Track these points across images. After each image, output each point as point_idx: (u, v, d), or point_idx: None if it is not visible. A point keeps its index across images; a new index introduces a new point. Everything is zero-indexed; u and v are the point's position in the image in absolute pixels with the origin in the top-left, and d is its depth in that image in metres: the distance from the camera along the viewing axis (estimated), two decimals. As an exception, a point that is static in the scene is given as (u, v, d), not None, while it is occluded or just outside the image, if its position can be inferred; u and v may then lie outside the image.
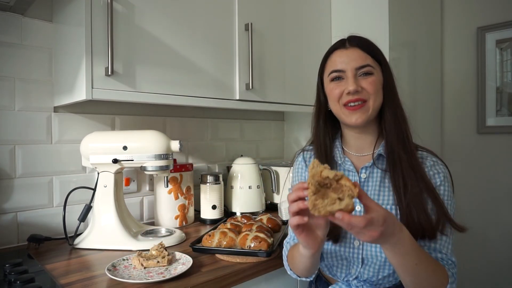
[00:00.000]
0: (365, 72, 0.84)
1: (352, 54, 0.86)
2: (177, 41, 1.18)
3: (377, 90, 0.85)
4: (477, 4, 1.85)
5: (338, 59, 0.87)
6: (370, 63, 0.85)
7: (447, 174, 0.86)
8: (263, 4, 1.44)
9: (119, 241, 1.11)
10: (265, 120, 1.95)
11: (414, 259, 0.69)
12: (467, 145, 1.90)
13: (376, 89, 0.85)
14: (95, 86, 1.00)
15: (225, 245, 1.04)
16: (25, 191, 1.19)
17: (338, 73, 0.86)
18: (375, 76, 0.85)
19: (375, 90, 0.84)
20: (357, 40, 0.88)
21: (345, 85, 0.85)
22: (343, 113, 0.86)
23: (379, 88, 0.86)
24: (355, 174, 0.89)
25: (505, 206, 1.78)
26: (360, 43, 0.87)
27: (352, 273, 0.86)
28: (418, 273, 0.71)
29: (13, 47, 1.16)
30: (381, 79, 0.87)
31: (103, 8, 1.01)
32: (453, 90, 1.95)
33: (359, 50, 0.86)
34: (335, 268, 0.89)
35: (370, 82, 0.84)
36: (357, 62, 0.85)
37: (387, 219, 0.63)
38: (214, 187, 1.44)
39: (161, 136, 1.13)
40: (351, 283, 0.87)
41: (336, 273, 0.89)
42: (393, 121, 0.86)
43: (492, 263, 1.82)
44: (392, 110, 0.87)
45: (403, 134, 0.86)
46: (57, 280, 0.87)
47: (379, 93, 0.86)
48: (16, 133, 1.17)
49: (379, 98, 0.86)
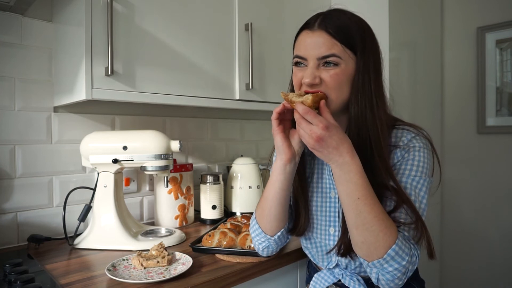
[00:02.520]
0: (328, 62, 0.75)
1: (317, 40, 0.75)
2: (177, 41, 1.18)
3: (339, 84, 0.75)
4: (477, 4, 1.85)
5: (302, 43, 0.78)
6: (337, 52, 0.74)
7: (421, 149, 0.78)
8: (263, 4, 1.44)
9: (119, 241, 1.11)
10: (265, 120, 1.95)
11: (358, 193, 0.69)
12: (467, 145, 1.90)
13: (338, 83, 0.75)
14: (95, 86, 1.00)
15: (225, 245, 1.04)
16: (25, 191, 1.19)
17: (300, 59, 0.79)
18: (341, 67, 0.75)
19: (335, 85, 0.75)
20: (327, 21, 0.76)
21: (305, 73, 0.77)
22: None
23: (343, 81, 0.75)
24: (323, 163, 0.88)
25: (505, 206, 1.78)
26: (330, 26, 0.75)
27: (333, 261, 0.87)
28: (360, 211, 0.69)
29: (13, 47, 1.16)
30: (350, 71, 0.76)
31: (103, 8, 1.01)
32: (453, 90, 1.95)
33: (326, 35, 0.75)
34: (317, 256, 0.91)
35: (331, 75, 0.74)
36: (320, 50, 0.75)
37: (330, 127, 0.68)
38: (214, 187, 1.44)
39: (161, 136, 1.13)
40: (333, 271, 0.88)
41: (319, 261, 0.91)
42: (355, 123, 0.77)
43: (492, 263, 1.82)
44: (358, 109, 0.76)
45: (366, 139, 0.76)
46: (57, 280, 0.87)
47: (342, 87, 0.76)
48: (16, 133, 1.17)
49: (343, 92, 0.76)
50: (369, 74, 0.77)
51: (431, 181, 0.80)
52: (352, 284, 0.84)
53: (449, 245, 1.98)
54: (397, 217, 0.74)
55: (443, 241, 2.00)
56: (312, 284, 0.91)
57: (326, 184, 0.88)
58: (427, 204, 0.78)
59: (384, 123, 0.78)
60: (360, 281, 0.83)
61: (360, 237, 0.71)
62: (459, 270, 1.94)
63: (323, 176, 0.89)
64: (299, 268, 1.13)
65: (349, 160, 0.70)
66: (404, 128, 0.82)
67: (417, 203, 0.76)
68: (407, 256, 0.70)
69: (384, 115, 0.79)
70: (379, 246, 0.69)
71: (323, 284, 0.88)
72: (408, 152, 0.79)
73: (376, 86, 0.78)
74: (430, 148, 0.81)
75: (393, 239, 0.69)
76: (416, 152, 0.79)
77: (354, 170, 0.70)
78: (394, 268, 0.69)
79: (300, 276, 1.14)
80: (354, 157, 0.70)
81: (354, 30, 0.76)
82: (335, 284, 0.88)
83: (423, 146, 0.79)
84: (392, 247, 0.68)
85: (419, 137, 0.80)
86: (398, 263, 0.69)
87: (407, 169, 0.78)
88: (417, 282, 0.90)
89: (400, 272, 0.70)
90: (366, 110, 0.76)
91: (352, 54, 0.76)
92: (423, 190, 0.77)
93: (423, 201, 0.77)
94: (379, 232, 0.69)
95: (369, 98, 0.77)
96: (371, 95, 0.77)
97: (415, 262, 0.72)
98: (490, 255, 1.83)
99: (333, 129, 0.68)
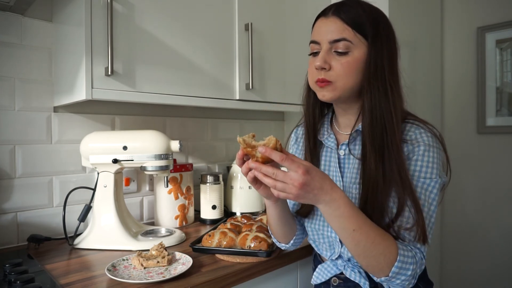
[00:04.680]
0: (340, 47, 0.75)
1: (330, 25, 0.77)
2: (177, 41, 1.18)
3: (349, 71, 0.76)
4: (477, 4, 1.85)
5: (317, 29, 0.81)
6: (348, 36, 0.75)
7: (431, 146, 0.76)
8: (263, 4, 1.44)
9: (119, 241, 1.11)
10: (265, 120, 1.95)
11: (352, 225, 0.69)
12: (467, 145, 1.90)
13: (348, 70, 0.76)
14: (95, 86, 1.00)
15: (225, 245, 1.04)
16: (25, 191, 1.19)
17: (315, 45, 0.80)
18: (353, 55, 0.75)
19: (345, 72, 0.76)
20: (341, 9, 0.77)
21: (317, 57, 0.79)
22: (315, 88, 0.82)
23: (353, 68, 0.76)
24: (335, 151, 0.88)
25: (505, 206, 1.78)
26: (343, 13, 0.76)
27: (336, 252, 0.87)
28: (358, 241, 0.70)
29: (13, 47, 1.16)
30: (362, 57, 0.76)
31: (103, 8, 1.01)
32: (453, 90, 1.95)
33: (339, 20, 0.76)
34: (321, 247, 0.91)
35: (342, 63, 0.76)
36: (332, 34, 0.76)
37: (309, 169, 0.66)
38: (214, 187, 1.44)
39: (161, 136, 1.13)
40: (336, 262, 0.88)
41: (323, 251, 0.91)
42: (369, 110, 0.76)
43: (492, 263, 1.82)
44: (371, 95, 0.76)
45: (381, 127, 0.75)
46: (57, 280, 0.87)
47: (352, 74, 0.76)
48: (16, 133, 1.17)
49: (352, 79, 0.76)
50: (382, 60, 0.76)
51: (443, 181, 0.78)
52: (353, 276, 0.84)
53: (449, 244, 1.98)
54: (400, 225, 0.74)
55: (443, 241, 2.00)
56: (315, 275, 0.91)
57: (333, 173, 0.88)
58: (437, 206, 0.77)
59: (399, 111, 0.76)
60: (362, 273, 0.83)
61: (363, 262, 0.73)
62: (459, 270, 1.94)
63: (330, 169, 0.89)
64: (299, 268, 1.13)
65: (336, 196, 0.69)
66: (414, 123, 0.80)
67: (426, 207, 0.75)
68: (412, 264, 0.72)
69: (399, 103, 0.77)
70: (382, 267, 0.71)
71: (325, 275, 0.89)
72: (414, 149, 0.77)
73: (391, 73, 0.77)
74: (440, 146, 0.79)
75: (394, 256, 0.70)
76: (425, 151, 0.76)
77: (343, 204, 0.69)
78: (402, 280, 0.72)
79: (300, 276, 1.14)
80: (338, 190, 0.70)
81: (365, 16, 0.77)
82: (337, 277, 0.88)
83: (432, 144, 0.77)
84: (395, 264, 0.70)
85: (429, 134, 0.77)
86: (404, 274, 0.71)
87: (417, 170, 0.76)
88: (424, 283, 0.88)
89: (408, 280, 0.73)
90: (379, 96, 0.75)
91: (364, 39, 0.76)
92: (434, 192, 0.76)
93: (433, 203, 0.76)
94: (380, 255, 0.70)
95: (383, 84, 0.75)
96: (385, 81, 0.76)
97: (421, 263, 0.74)
98: (490, 254, 1.83)
99: (312, 170, 0.67)
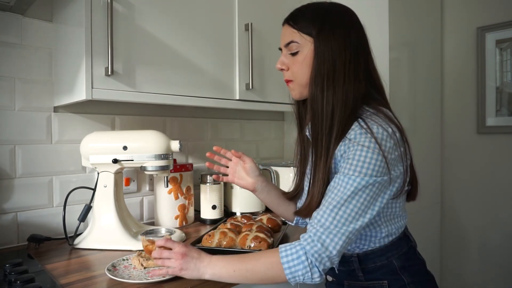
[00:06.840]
0: (291, 49, 0.82)
1: (284, 32, 0.85)
2: (177, 41, 1.18)
3: (300, 68, 0.81)
4: (477, 4, 1.85)
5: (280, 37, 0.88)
6: (296, 39, 0.80)
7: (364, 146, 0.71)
8: (263, 4, 1.44)
9: (119, 241, 1.11)
10: (265, 120, 1.95)
11: (230, 269, 0.79)
12: (467, 145, 1.90)
13: (300, 67, 0.81)
14: (95, 86, 1.00)
15: (225, 245, 1.04)
16: (25, 191, 1.19)
17: (281, 51, 0.87)
18: (302, 54, 0.80)
19: (297, 69, 0.81)
20: (291, 15, 0.85)
21: None
22: None
23: (304, 65, 0.80)
24: None
25: (505, 206, 1.78)
26: (291, 19, 0.83)
27: None
28: (243, 276, 0.79)
29: (13, 47, 1.16)
30: (310, 54, 0.79)
31: (103, 8, 1.01)
32: (453, 90, 1.95)
33: (289, 27, 0.83)
34: None
35: (293, 62, 0.82)
36: (284, 39, 0.83)
37: (184, 245, 0.82)
38: (214, 187, 1.44)
39: (161, 136, 1.13)
40: None
41: None
42: (310, 106, 0.80)
43: (492, 263, 1.82)
44: (310, 91, 0.79)
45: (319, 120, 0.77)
46: (57, 280, 0.87)
47: (304, 70, 0.80)
48: (16, 133, 1.17)
49: (305, 75, 0.80)
50: (324, 55, 0.77)
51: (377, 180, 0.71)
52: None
53: (449, 244, 1.98)
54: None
55: (442, 241, 2.00)
56: None
57: None
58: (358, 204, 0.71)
59: (336, 108, 0.75)
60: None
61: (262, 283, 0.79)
62: (459, 270, 1.94)
63: None
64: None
65: (210, 259, 0.81)
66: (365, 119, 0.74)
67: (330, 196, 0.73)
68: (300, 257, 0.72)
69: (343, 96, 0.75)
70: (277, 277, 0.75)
71: None
72: (349, 148, 0.73)
73: (334, 68, 0.76)
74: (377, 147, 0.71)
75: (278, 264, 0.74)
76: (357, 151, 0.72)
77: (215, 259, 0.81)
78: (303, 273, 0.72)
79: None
80: (207, 255, 0.82)
81: (308, 14, 0.81)
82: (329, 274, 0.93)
83: (365, 145, 0.71)
84: (284, 267, 0.73)
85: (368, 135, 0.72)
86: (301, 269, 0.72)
87: (342, 167, 0.74)
88: (410, 276, 0.82)
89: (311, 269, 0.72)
90: (317, 92, 0.77)
91: (309, 37, 0.79)
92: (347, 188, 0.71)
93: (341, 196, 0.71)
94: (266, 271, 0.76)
95: (321, 80, 0.77)
96: (324, 77, 0.76)
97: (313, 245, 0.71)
98: (490, 255, 1.83)
99: (186, 245, 0.83)
